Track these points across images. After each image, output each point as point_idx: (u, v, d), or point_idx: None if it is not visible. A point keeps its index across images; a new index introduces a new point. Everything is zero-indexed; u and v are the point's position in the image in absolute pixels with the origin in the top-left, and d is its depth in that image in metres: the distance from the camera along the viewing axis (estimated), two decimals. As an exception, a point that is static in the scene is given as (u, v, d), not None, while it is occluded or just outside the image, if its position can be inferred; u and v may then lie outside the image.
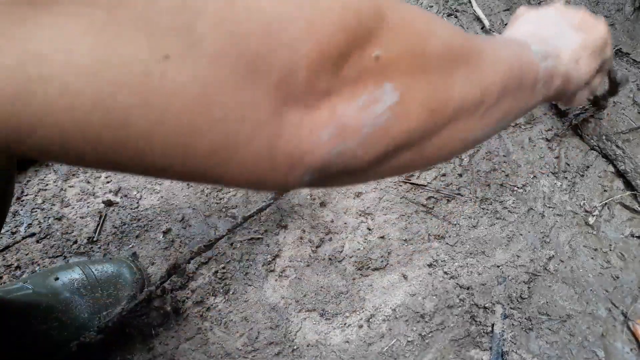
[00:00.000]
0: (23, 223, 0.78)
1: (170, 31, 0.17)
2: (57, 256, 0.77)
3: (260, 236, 0.80)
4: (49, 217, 0.78)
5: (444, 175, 0.88)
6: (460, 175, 0.88)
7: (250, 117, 0.20)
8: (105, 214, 0.80)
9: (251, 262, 0.78)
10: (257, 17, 0.19)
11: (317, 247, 0.80)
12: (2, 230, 0.59)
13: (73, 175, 0.82)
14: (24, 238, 0.78)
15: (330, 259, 0.79)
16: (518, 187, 0.87)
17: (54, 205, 0.79)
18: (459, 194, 0.86)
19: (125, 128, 0.17)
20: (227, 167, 0.21)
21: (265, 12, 0.19)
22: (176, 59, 0.17)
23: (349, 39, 0.22)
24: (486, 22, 1.09)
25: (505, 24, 1.01)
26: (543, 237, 0.81)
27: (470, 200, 0.85)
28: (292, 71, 0.20)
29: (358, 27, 0.22)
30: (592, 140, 0.92)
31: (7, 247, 0.77)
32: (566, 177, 0.88)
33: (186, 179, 0.21)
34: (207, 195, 0.84)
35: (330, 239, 0.81)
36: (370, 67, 0.23)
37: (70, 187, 0.81)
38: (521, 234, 0.81)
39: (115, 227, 0.79)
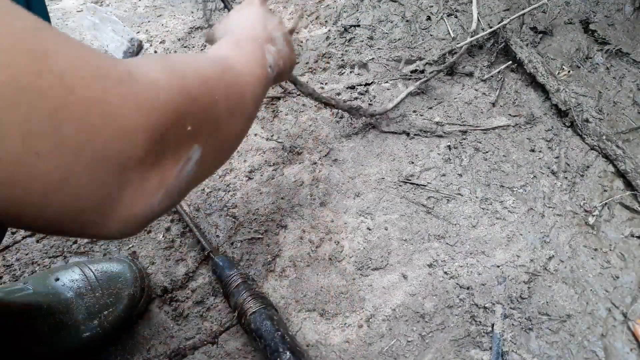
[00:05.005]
0: (23, 223, 0.78)
1: (43, 133, 0.22)
2: (57, 256, 0.77)
3: (260, 236, 0.80)
4: (49, 217, 0.78)
5: (444, 175, 0.88)
6: (460, 175, 0.88)
7: (97, 192, 0.26)
8: (106, 214, 0.80)
9: (251, 262, 0.78)
10: (108, 120, 0.25)
11: (317, 247, 0.80)
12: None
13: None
14: (23, 238, 0.79)
15: (330, 259, 0.79)
16: (518, 187, 0.87)
17: (54, 205, 0.79)
18: (459, 194, 0.86)
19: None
20: (76, 226, 0.27)
21: (115, 116, 0.25)
22: (44, 155, 0.22)
23: (170, 125, 0.30)
24: (473, 24, 1.09)
25: (505, 24, 1.01)
26: (543, 237, 0.81)
27: (470, 200, 0.85)
28: (130, 156, 0.27)
29: (176, 116, 0.30)
30: (592, 140, 0.92)
31: (7, 247, 0.77)
32: (566, 177, 0.88)
33: (44, 232, 0.28)
34: (207, 195, 0.85)
35: (330, 239, 0.81)
36: (185, 136, 0.32)
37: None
38: (521, 234, 0.81)
39: (116, 227, 0.79)
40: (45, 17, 0.55)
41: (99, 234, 0.28)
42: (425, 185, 0.86)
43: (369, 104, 0.97)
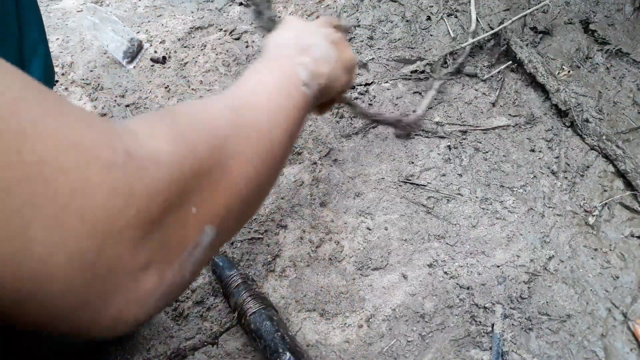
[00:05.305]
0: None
1: (8, 233, 0.18)
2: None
3: (260, 236, 0.80)
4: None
5: (444, 175, 0.88)
6: (460, 175, 0.88)
7: (76, 300, 0.21)
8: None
9: (251, 262, 0.78)
10: (89, 218, 0.20)
11: (317, 247, 0.80)
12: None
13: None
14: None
15: (330, 259, 0.79)
16: (518, 187, 0.87)
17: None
18: (459, 194, 0.86)
19: None
20: (60, 331, 0.23)
21: (98, 212, 0.20)
22: (9, 259, 0.19)
23: (173, 211, 0.24)
24: (472, 25, 1.09)
25: (505, 25, 1.01)
26: (543, 237, 0.81)
27: (470, 200, 0.85)
28: (116, 260, 0.22)
29: (179, 198, 0.24)
30: (592, 140, 0.92)
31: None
32: (566, 177, 0.88)
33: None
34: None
35: (330, 239, 0.81)
36: (191, 220, 0.26)
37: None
38: (521, 234, 0.81)
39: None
40: (37, 14, 0.55)
41: (87, 337, 0.24)
42: (425, 185, 0.86)
43: (369, 104, 0.97)
